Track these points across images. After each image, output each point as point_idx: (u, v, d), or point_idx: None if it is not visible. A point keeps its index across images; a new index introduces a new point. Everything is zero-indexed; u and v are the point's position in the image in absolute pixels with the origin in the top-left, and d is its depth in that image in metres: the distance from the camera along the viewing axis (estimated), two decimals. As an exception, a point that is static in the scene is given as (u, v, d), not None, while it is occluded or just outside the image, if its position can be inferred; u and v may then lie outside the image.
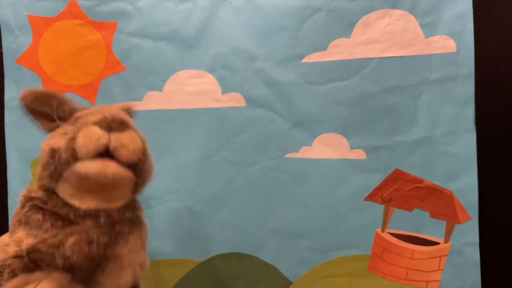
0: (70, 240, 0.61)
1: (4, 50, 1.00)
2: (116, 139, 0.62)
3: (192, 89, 0.99)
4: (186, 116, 0.99)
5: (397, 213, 0.96)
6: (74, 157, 0.62)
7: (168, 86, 0.99)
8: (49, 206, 0.65)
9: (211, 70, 0.99)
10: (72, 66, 1.00)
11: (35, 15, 0.99)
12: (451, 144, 0.94)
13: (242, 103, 0.99)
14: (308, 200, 0.97)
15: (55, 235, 0.62)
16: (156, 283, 0.99)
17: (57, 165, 0.63)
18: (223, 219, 0.99)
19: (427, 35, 0.94)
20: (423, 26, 0.94)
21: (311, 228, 0.98)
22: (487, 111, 0.93)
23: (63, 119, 0.69)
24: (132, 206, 0.71)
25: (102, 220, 0.65)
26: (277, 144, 0.98)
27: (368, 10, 0.95)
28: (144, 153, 0.67)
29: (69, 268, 0.60)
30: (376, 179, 0.96)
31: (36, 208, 0.65)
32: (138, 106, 0.99)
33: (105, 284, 0.63)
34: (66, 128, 0.66)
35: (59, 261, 0.60)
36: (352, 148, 0.96)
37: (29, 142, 1.00)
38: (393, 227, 0.96)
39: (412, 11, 0.94)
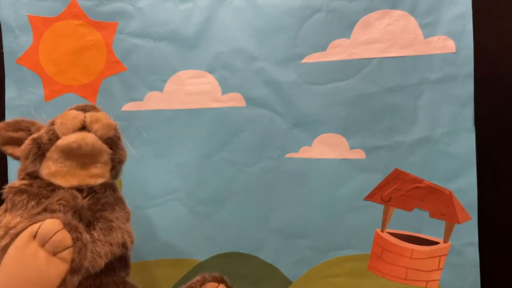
0: (56, 197, 0.65)
1: (4, 50, 1.01)
2: (90, 115, 0.70)
3: (192, 89, 0.99)
4: (186, 116, 0.99)
5: (396, 213, 0.96)
6: (55, 136, 0.69)
7: (169, 86, 1.00)
8: (33, 188, 0.68)
9: (211, 70, 0.99)
10: (72, 66, 1.00)
11: (36, 15, 1.00)
12: (451, 144, 0.94)
13: (242, 103, 0.99)
14: (308, 200, 0.98)
15: (42, 206, 0.65)
16: (156, 282, 1.00)
17: (40, 146, 0.69)
18: (223, 219, 0.99)
19: (426, 36, 0.94)
20: (422, 26, 0.94)
21: (311, 228, 0.98)
22: (486, 111, 0.93)
23: None
24: (113, 187, 0.75)
25: (85, 193, 0.69)
26: (277, 144, 0.98)
27: (368, 10, 0.95)
28: (117, 131, 0.74)
29: None
30: (376, 179, 0.96)
31: (20, 191, 0.68)
32: (138, 106, 1.00)
33: (98, 239, 0.66)
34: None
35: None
36: (351, 148, 0.97)
37: (29, 142, 1.01)
38: (393, 227, 0.96)
39: (411, 11, 0.94)
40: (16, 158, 0.75)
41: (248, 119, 0.98)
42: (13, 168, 1.01)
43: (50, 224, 0.53)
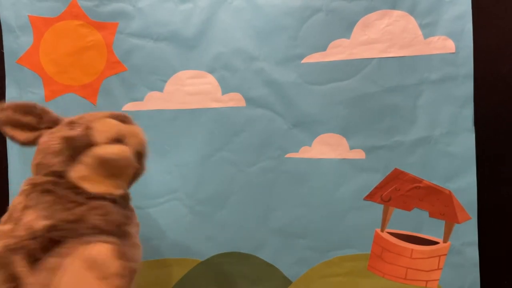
0: (95, 211, 0.65)
1: (5, 50, 1.01)
2: (128, 128, 0.71)
3: (192, 89, 1.00)
4: (186, 116, 0.99)
5: (396, 213, 0.96)
6: (91, 142, 0.67)
7: (169, 86, 1.00)
8: (59, 189, 0.67)
9: (211, 71, 0.99)
10: (72, 66, 1.00)
11: (36, 15, 1.00)
12: (450, 144, 0.94)
13: (242, 103, 0.99)
14: (308, 200, 0.98)
15: (72, 213, 0.64)
16: (156, 282, 1.00)
17: (74, 149, 0.67)
18: (223, 219, 0.99)
19: (426, 36, 0.94)
20: (422, 26, 0.94)
21: (311, 228, 0.98)
22: (486, 111, 0.93)
23: (46, 128, 0.72)
24: (129, 198, 0.76)
25: (108, 202, 0.69)
26: (277, 144, 0.98)
27: (368, 10, 0.95)
28: (146, 147, 0.75)
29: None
30: (375, 179, 0.96)
31: (46, 191, 0.66)
32: (138, 106, 1.00)
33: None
34: (62, 128, 0.70)
35: (84, 231, 0.62)
36: (351, 148, 0.97)
37: (30, 142, 1.01)
38: (393, 226, 0.96)
39: (411, 11, 0.94)
40: (17, 142, 0.73)
41: (248, 119, 0.99)
42: (14, 169, 1.02)
43: (104, 250, 0.57)
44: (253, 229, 0.99)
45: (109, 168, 0.69)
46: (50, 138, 0.69)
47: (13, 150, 1.02)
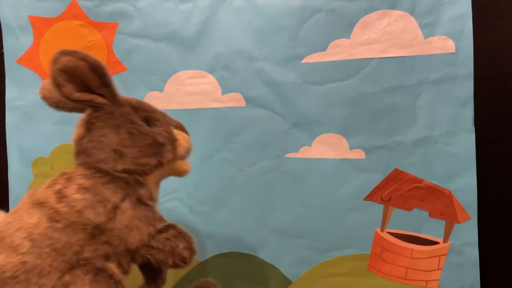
0: (183, 245, 0.64)
1: (5, 51, 1.01)
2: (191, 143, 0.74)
3: (192, 89, 1.00)
4: (186, 116, 0.99)
5: (396, 213, 0.96)
6: (175, 155, 0.69)
7: (169, 86, 1.00)
8: (146, 199, 0.65)
9: (211, 71, 0.99)
10: (72, 66, 1.00)
11: (36, 15, 1.00)
12: (450, 144, 0.94)
13: (242, 103, 0.99)
14: (308, 200, 0.98)
15: (161, 233, 0.64)
16: (156, 282, 1.00)
17: (161, 161, 0.67)
18: (223, 219, 0.99)
19: (426, 36, 0.94)
20: (422, 26, 0.94)
21: (310, 228, 0.98)
22: (486, 111, 0.93)
23: (100, 95, 0.64)
24: None
25: None
26: (277, 144, 0.98)
27: (368, 10, 0.95)
28: None
29: (174, 267, 0.65)
30: (375, 179, 0.96)
31: (140, 201, 0.63)
32: (138, 106, 1.00)
33: None
34: (141, 125, 0.67)
35: (168, 259, 0.63)
36: (351, 148, 0.97)
37: (30, 143, 1.01)
38: (393, 226, 0.96)
39: (411, 11, 0.94)
40: (65, 97, 0.60)
41: (248, 119, 0.99)
42: (14, 170, 1.02)
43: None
44: (253, 229, 0.99)
45: (163, 178, 0.72)
46: (160, 133, 0.66)
47: (13, 150, 1.02)
